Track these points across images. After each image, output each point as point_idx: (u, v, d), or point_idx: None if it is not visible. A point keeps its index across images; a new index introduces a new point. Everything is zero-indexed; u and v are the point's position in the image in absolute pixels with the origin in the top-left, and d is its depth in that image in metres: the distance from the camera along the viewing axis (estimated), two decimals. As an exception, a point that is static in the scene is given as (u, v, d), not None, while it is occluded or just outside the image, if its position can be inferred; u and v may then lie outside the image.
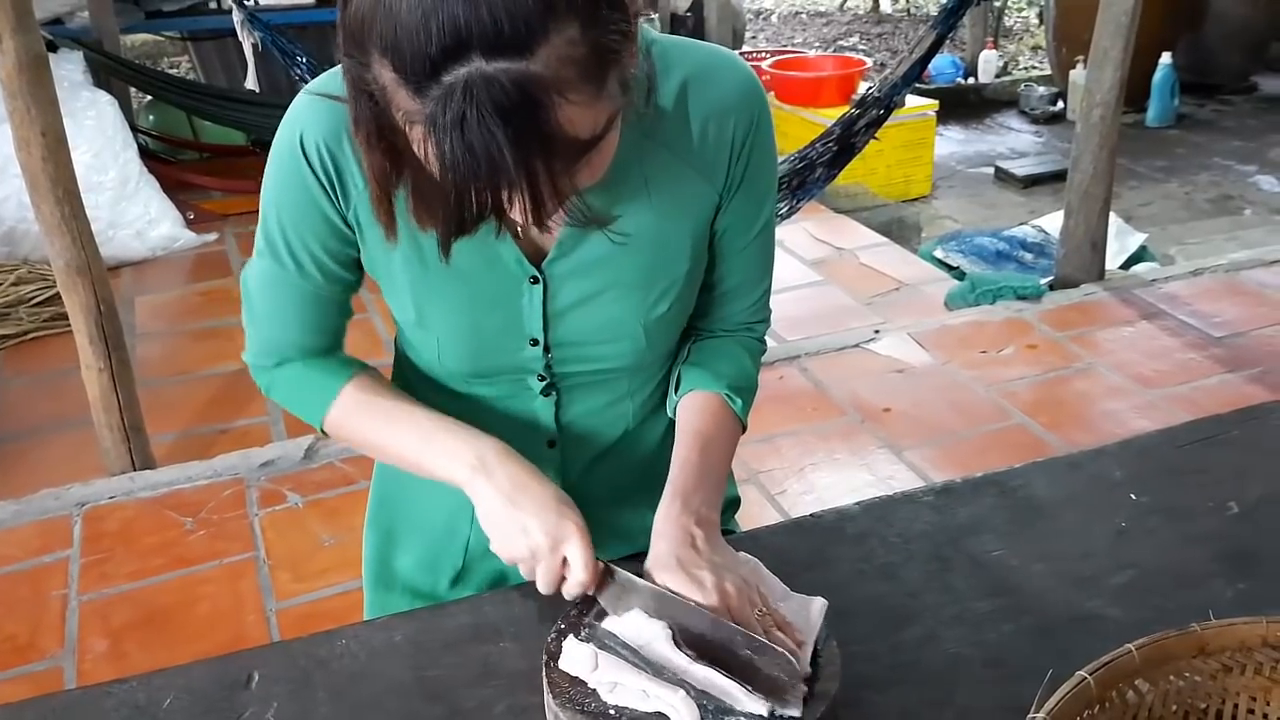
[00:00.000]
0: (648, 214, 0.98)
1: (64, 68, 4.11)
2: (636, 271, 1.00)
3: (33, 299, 3.69)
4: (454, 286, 0.99)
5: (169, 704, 1.00)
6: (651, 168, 0.97)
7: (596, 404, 1.11)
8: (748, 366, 1.12)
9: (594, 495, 1.15)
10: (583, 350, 1.04)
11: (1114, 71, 3.42)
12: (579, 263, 0.99)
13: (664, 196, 0.98)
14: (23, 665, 2.20)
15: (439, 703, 0.98)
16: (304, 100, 0.96)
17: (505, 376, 1.06)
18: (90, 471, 2.82)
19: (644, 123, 0.93)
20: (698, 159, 0.98)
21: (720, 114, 0.97)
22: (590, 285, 1.00)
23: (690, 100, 0.96)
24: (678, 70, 0.96)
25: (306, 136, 0.94)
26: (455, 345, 1.02)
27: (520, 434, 1.10)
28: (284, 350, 1.08)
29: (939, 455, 2.85)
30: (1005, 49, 7.81)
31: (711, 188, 1.01)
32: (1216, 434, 1.34)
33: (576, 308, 1.01)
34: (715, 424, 1.07)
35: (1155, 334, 3.44)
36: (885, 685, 0.97)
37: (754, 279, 1.11)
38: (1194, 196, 5.33)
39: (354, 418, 1.06)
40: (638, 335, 1.03)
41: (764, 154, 1.02)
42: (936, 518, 1.21)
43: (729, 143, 0.99)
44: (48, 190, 2.52)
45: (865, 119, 3.40)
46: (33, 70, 2.42)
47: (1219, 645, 0.83)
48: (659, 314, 1.03)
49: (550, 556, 0.94)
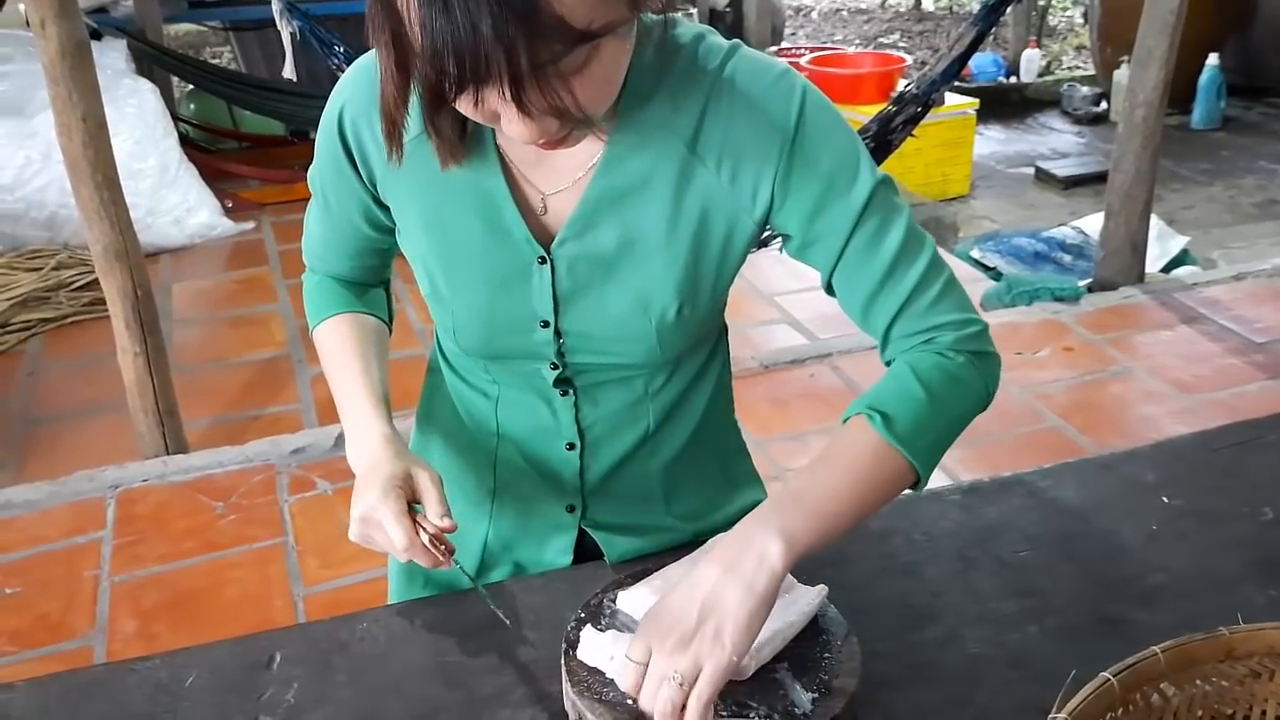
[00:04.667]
0: (657, 208, 0.96)
1: (107, 56, 4.16)
2: (642, 270, 0.98)
3: (72, 283, 3.74)
4: (470, 262, 0.99)
5: (191, 682, 1.01)
6: (667, 162, 0.94)
7: (616, 405, 1.08)
8: (909, 385, 0.94)
9: (615, 499, 1.14)
10: (593, 342, 1.02)
11: (1158, 71, 3.37)
12: (587, 250, 0.97)
13: (676, 193, 0.95)
14: (54, 644, 2.23)
15: (457, 689, 0.98)
16: (353, 72, 0.99)
17: (519, 362, 1.05)
18: (124, 455, 2.86)
19: (667, 115, 0.93)
20: (718, 169, 0.94)
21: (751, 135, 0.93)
22: (597, 275, 0.98)
23: (721, 106, 0.93)
24: (717, 70, 0.93)
25: (345, 111, 0.98)
26: (470, 321, 1.02)
27: (540, 437, 1.10)
28: (319, 266, 1.15)
29: (970, 456, 2.82)
30: (1049, 48, 7.73)
31: (751, 212, 0.96)
32: (1252, 438, 1.32)
33: (584, 295, 0.99)
34: (841, 447, 0.93)
35: (1195, 338, 3.38)
36: (905, 684, 0.96)
37: (886, 278, 0.96)
38: (1238, 200, 5.25)
39: (326, 348, 1.11)
40: (649, 336, 1.00)
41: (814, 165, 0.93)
42: (962, 516, 1.19)
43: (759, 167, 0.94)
44: (87, 175, 2.55)
45: (903, 116, 3.37)
46: (75, 56, 2.45)
47: (1246, 650, 0.81)
48: (669, 318, 0.99)
49: (375, 531, 0.95)
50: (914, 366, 0.95)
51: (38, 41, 2.45)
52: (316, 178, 1.06)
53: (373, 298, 1.16)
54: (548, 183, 0.97)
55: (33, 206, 4.00)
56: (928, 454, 0.93)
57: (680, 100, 0.93)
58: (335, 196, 1.05)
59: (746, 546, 0.86)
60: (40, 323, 3.65)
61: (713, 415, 1.15)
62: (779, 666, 0.92)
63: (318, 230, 1.11)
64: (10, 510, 2.66)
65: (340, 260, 1.12)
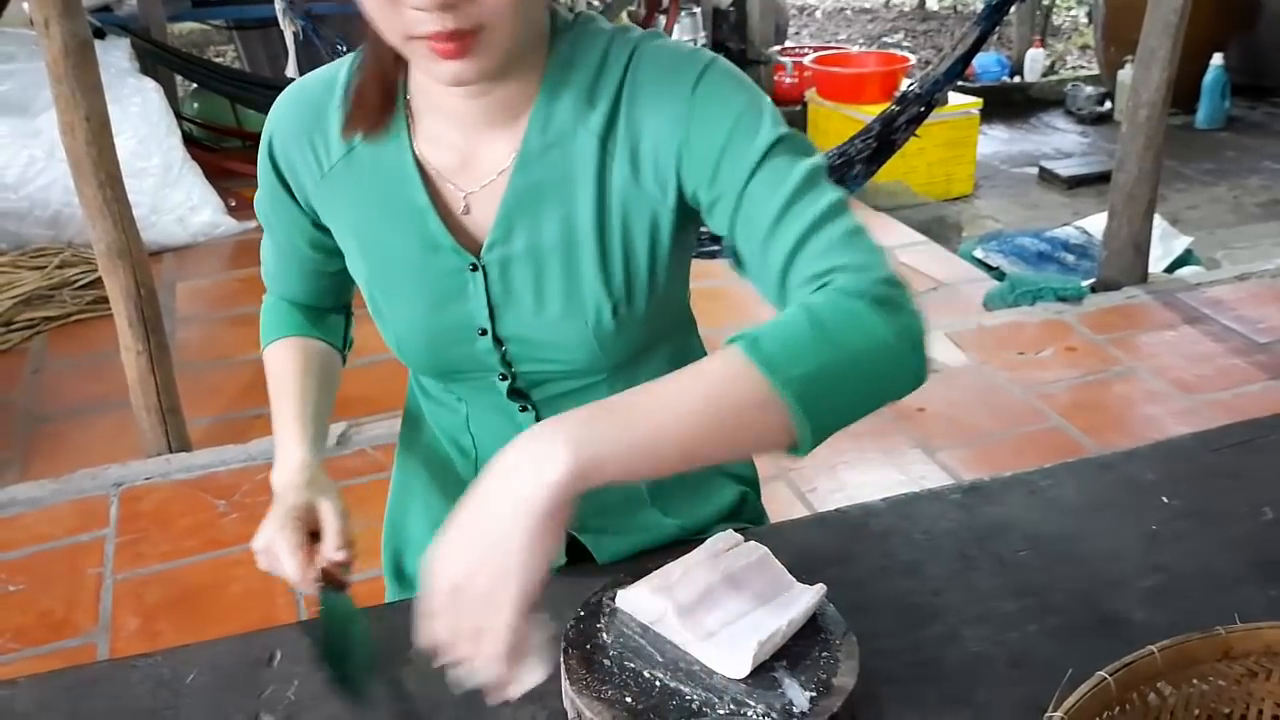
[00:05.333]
0: (580, 206, 0.94)
1: (111, 54, 4.16)
2: (570, 272, 0.96)
3: (76, 282, 3.75)
4: (404, 278, 1.00)
5: (192, 679, 1.01)
6: (583, 158, 0.93)
7: None
8: (788, 314, 0.80)
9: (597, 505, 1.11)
10: (533, 348, 1.01)
11: (1161, 71, 3.36)
12: (515, 252, 0.96)
13: (596, 190, 0.94)
14: (57, 641, 2.24)
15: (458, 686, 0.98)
16: (279, 100, 1.02)
17: (468, 376, 1.05)
18: (128, 453, 2.86)
19: (578, 110, 0.92)
20: (634, 164, 0.93)
21: (663, 133, 0.91)
22: (529, 278, 0.97)
23: (627, 99, 0.92)
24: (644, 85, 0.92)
25: (275, 139, 1.01)
26: (410, 337, 1.03)
27: None
28: (274, 289, 1.16)
29: (972, 456, 2.82)
30: (1053, 48, 7.71)
31: (664, 202, 0.94)
32: (1253, 438, 1.32)
33: (518, 300, 0.98)
34: (696, 366, 0.78)
35: (1198, 339, 3.38)
36: (904, 682, 0.97)
37: (774, 217, 0.86)
38: (1243, 200, 5.24)
39: (270, 371, 1.13)
40: (587, 339, 0.98)
41: (711, 122, 0.89)
42: (963, 516, 1.19)
43: (667, 150, 0.91)
44: (90, 174, 2.56)
45: (906, 116, 3.37)
46: (78, 55, 2.45)
47: (1244, 649, 0.81)
48: (606, 322, 0.97)
49: (274, 561, 0.97)
50: (802, 301, 0.81)
51: (41, 40, 2.45)
52: (259, 206, 1.07)
53: (330, 324, 1.16)
54: (467, 182, 0.96)
55: (37, 205, 4.01)
56: (801, 387, 0.74)
57: (594, 96, 0.92)
58: (278, 222, 1.06)
59: (522, 457, 0.72)
60: (44, 321, 3.66)
61: None
62: (777, 665, 0.93)
63: (269, 255, 1.13)
64: (14, 508, 2.66)
65: (292, 283, 1.13)
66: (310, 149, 0.99)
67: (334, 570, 0.98)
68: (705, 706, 0.89)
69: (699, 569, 1.00)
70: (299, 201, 1.02)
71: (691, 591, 0.96)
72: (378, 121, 0.95)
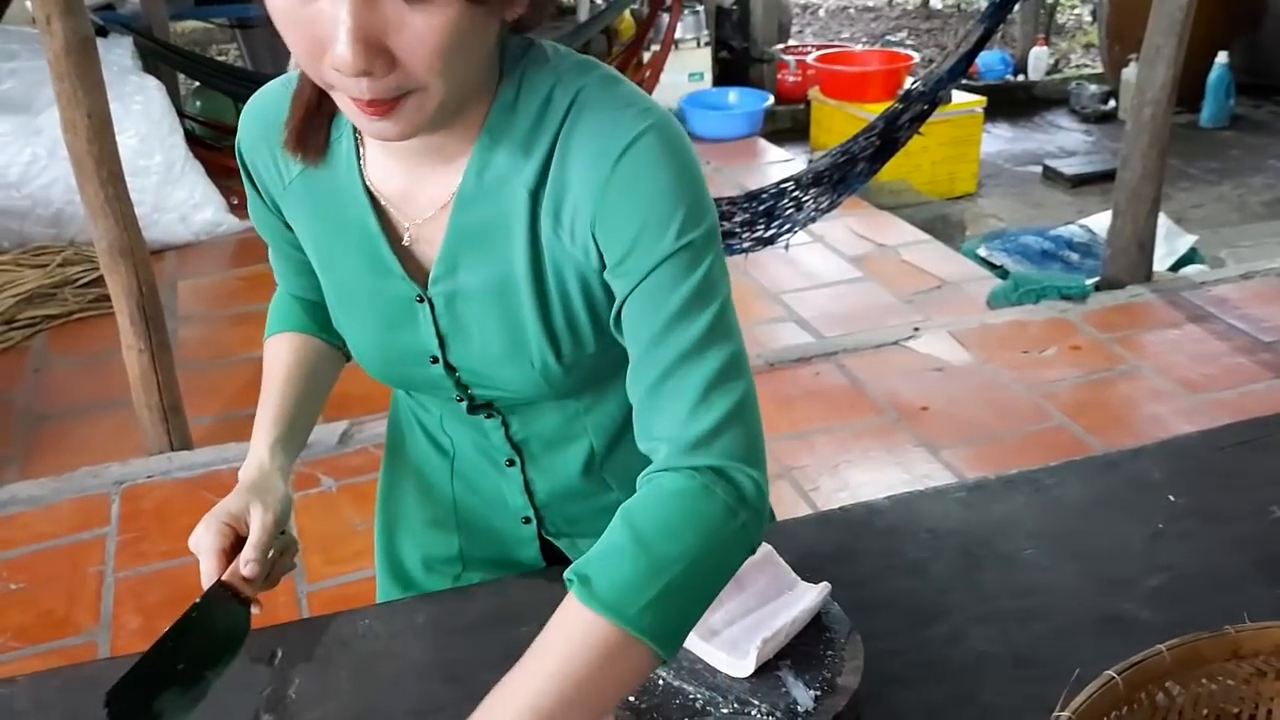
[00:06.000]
0: (512, 255, 0.91)
1: (113, 53, 4.16)
2: (515, 319, 0.94)
3: (78, 280, 3.75)
4: (359, 298, 0.99)
5: (191, 678, 1.00)
6: (513, 209, 0.90)
7: (548, 424, 1.06)
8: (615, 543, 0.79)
9: (573, 515, 1.13)
10: (483, 378, 0.99)
11: (1166, 69, 3.35)
12: (458, 288, 0.94)
13: (527, 242, 0.90)
14: (58, 639, 2.24)
15: (458, 685, 0.98)
16: (245, 108, 1.01)
17: (427, 392, 1.06)
18: (129, 451, 2.86)
19: (513, 159, 0.88)
20: (571, 239, 0.89)
21: (585, 198, 0.87)
22: (472, 315, 0.95)
23: (560, 149, 0.87)
24: (575, 142, 0.87)
25: (242, 146, 1.01)
26: (367, 356, 1.03)
27: (482, 454, 1.10)
28: (281, 281, 1.16)
29: (976, 455, 2.81)
30: (1057, 46, 7.70)
31: (588, 263, 0.90)
32: (1258, 437, 1.31)
33: (464, 334, 0.96)
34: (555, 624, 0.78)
35: (1203, 337, 3.37)
36: (909, 681, 0.96)
37: (650, 380, 0.84)
38: (1247, 199, 5.23)
39: (264, 363, 1.12)
40: (536, 380, 0.96)
41: (623, 209, 0.85)
42: (967, 514, 1.19)
43: (588, 221, 0.87)
44: (92, 172, 2.55)
45: (909, 114, 3.36)
46: (80, 52, 2.45)
47: (1253, 649, 0.80)
48: (551, 365, 0.95)
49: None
50: (629, 518, 0.80)
51: (43, 38, 2.45)
52: (249, 207, 1.07)
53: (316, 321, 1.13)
54: (412, 212, 0.94)
55: (39, 203, 4.01)
56: (649, 617, 0.76)
57: (530, 146, 0.88)
58: (264, 224, 1.06)
59: None
60: (46, 319, 3.66)
61: None
62: (781, 664, 0.92)
63: (270, 251, 1.13)
64: (15, 506, 2.66)
65: (293, 279, 1.13)
66: (272, 160, 0.99)
67: (237, 583, 0.93)
68: (709, 705, 0.88)
69: None
70: (269, 205, 1.03)
71: None
72: (312, 151, 0.94)
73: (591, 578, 0.77)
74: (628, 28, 5.97)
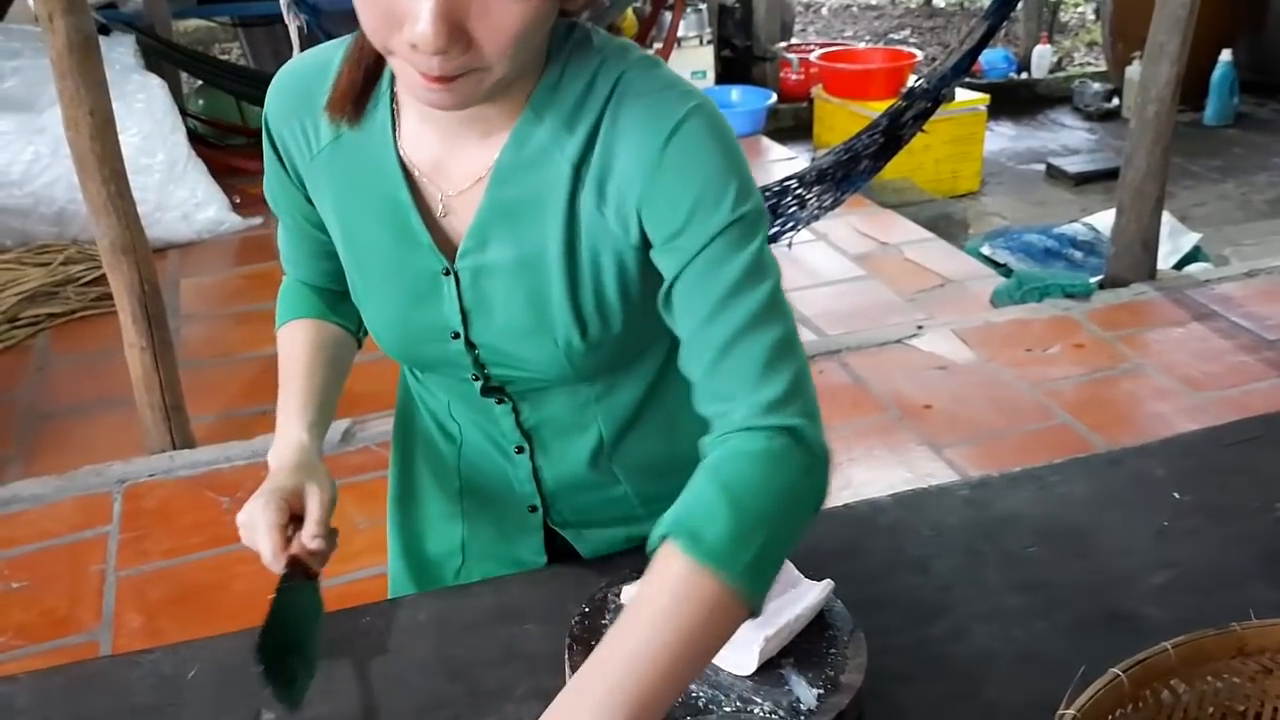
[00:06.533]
0: (550, 230, 0.92)
1: (116, 51, 4.16)
2: (544, 296, 0.94)
3: (80, 278, 3.75)
4: (382, 270, 0.99)
5: (193, 675, 1.01)
6: (555, 183, 0.91)
7: (558, 410, 1.06)
8: (709, 500, 0.81)
9: (579, 504, 1.13)
10: (504, 356, 0.99)
11: (1170, 67, 3.34)
12: (487, 263, 0.95)
13: (567, 217, 0.91)
14: (60, 638, 2.23)
15: (460, 682, 0.97)
16: (275, 79, 1.01)
17: (442, 370, 1.05)
18: (131, 449, 2.86)
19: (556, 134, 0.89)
20: (612, 216, 0.90)
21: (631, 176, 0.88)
22: (499, 291, 0.95)
23: (606, 128, 0.89)
24: (622, 119, 0.88)
25: (269, 117, 1.00)
26: (385, 330, 1.02)
27: (490, 440, 1.10)
28: (291, 271, 1.16)
29: (979, 454, 2.81)
30: (1060, 44, 7.70)
31: (627, 240, 0.91)
32: (1263, 434, 1.31)
33: (489, 310, 0.97)
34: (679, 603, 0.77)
35: (1206, 335, 3.36)
36: (912, 679, 0.96)
37: (710, 314, 0.87)
38: (1251, 197, 5.22)
39: (279, 351, 1.12)
40: (557, 358, 0.97)
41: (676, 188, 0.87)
42: (971, 512, 1.18)
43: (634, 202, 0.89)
44: (95, 170, 2.55)
45: (912, 111, 3.36)
46: (82, 50, 2.45)
47: (1258, 646, 0.80)
48: (577, 345, 0.95)
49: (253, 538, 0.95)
50: (718, 477, 0.82)
51: (45, 36, 2.45)
52: (267, 185, 1.07)
53: (346, 308, 1.12)
54: (446, 184, 0.95)
55: (41, 202, 4.01)
56: (751, 570, 0.78)
57: (574, 123, 0.89)
58: (283, 200, 1.06)
59: None
60: (48, 318, 3.66)
61: (680, 413, 1.00)
62: (784, 661, 0.92)
63: (282, 237, 1.13)
64: (17, 504, 2.66)
65: (305, 264, 1.12)
66: (300, 129, 0.98)
67: (306, 558, 0.95)
68: (711, 704, 0.88)
69: None
70: (293, 178, 1.02)
71: None
72: (354, 112, 0.94)
73: (699, 533, 0.78)
74: (630, 26, 5.97)
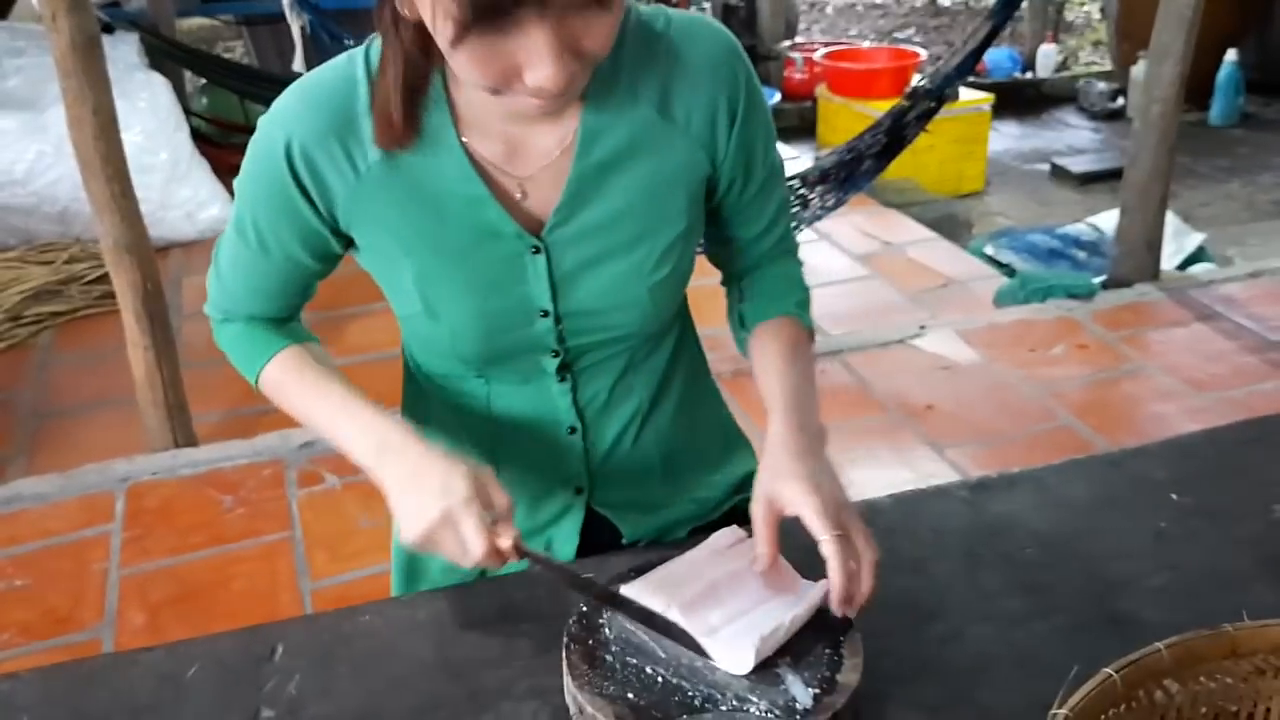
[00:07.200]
0: (641, 176, 0.99)
1: (119, 50, 4.17)
2: (633, 236, 1.00)
3: (84, 277, 3.76)
4: (458, 269, 0.99)
5: (193, 673, 1.01)
6: (642, 131, 0.97)
7: (608, 380, 1.10)
8: (797, 276, 1.15)
9: (619, 479, 1.16)
10: (592, 319, 1.03)
11: (1174, 66, 3.34)
12: (578, 229, 0.99)
13: (655, 158, 0.98)
14: (63, 635, 2.24)
15: (459, 682, 0.98)
16: (289, 100, 0.96)
17: (520, 357, 1.05)
18: (134, 448, 2.87)
19: (631, 86, 0.95)
20: (686, 124, 0.99)
21: (705, 77, 0.97)
22: (591, 250, 1.00)
23: (674, 64, 0.97)
24: (660, 34, 0.96)
25: (293, 142, 0.94)
26: (467, 329, 1.01)
27: (542, 426, 1.10)
28: (239, 311, 1.10)
29: (981, 454, 2.81)
30: (1065, 44, 7.69)
31: (704, 153, 1.00)
32: (1263, 435, 1.31)
33: (581, 274, 1.00)
34: (795, 343, 1.10)
35: (1210, 336, 3.36)
36: (908, 680, 0.96)
37: (775, 219, 1.11)
38: (1256, 197, 5.21)
39: (283, 382, 1.07)
40: (643, 300, 1.03)
41: (756, 106, 1.01)
42: (969, 513, 1.18)
43: (717, 105, 0.99)
44: (98, 169, 2.56)
45: (916, 111, 3.36)
46: (85, 49, 2.46)
47: (1251, 647, 0.80)
48: (660, 277, 1.02)
49: (444, 534, 0.92)
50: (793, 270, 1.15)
51: (49, 34, 2.45)
52: (248, 220, 1.00)
53: (298, 329, 1.11)
54: (522, 168, 0.96)
55: (45, 200, 4.02)
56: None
57: (641, 71, 0.95)
58: (275, 236, 1.00)
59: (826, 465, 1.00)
60: (51, 316, 3.67)
61: (695, 383, 1.19)
62: (780, 661, 0.92)
63: (242, 276, 1.06)
64: (20, 503, 2.67)
65: (266, 302, 1.08)
66: (342, 151, 0.94)
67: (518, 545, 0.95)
68: (707, 703, 0.88)
69: (703, 565, 0.99)
70: (319, 208, 0.97)
71: (695, 587, 0.96)
72: (407, 139, 0.93)
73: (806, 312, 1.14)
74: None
